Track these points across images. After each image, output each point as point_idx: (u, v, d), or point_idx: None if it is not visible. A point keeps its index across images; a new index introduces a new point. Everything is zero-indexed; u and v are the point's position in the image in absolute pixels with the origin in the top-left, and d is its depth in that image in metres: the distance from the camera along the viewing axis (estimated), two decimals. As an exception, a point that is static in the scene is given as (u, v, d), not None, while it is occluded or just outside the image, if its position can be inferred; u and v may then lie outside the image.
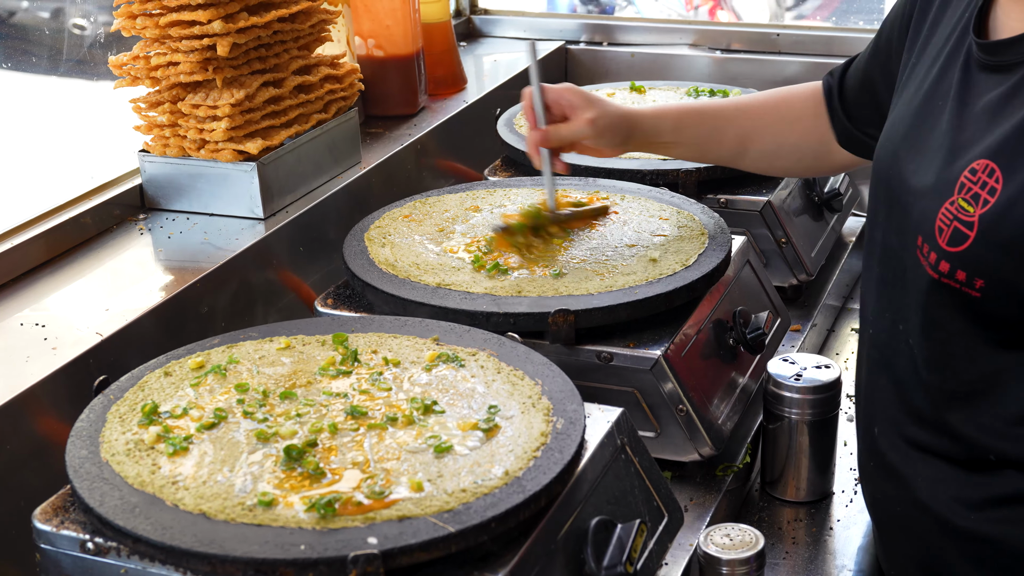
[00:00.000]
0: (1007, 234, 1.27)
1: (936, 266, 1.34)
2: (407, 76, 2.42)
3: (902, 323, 1.43)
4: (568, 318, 1.56)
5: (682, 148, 1.87)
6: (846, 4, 7.34)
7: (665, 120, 1.83)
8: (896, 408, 1.45)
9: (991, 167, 1.30)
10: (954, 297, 1.33)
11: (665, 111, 1.85)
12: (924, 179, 1.39)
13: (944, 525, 1.38)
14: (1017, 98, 1.31)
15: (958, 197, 1.32)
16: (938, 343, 1.38)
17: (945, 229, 1.33)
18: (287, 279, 1.93)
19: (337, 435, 1.29)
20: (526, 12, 3.13)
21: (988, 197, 1.29)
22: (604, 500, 1.31)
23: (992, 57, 1.37)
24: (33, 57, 2.18)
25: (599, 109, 1.76)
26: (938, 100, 1.43)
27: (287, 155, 1.97)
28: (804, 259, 2.12)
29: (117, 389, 1.41)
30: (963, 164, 1.33)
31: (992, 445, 1.34)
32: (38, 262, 1.79)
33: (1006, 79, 1.34)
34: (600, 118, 1.76)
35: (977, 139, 1.34)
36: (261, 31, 1.90)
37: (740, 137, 1.85)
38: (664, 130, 1.83)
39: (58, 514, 1.23)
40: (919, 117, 1.45)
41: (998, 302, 1.30)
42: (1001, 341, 1.32)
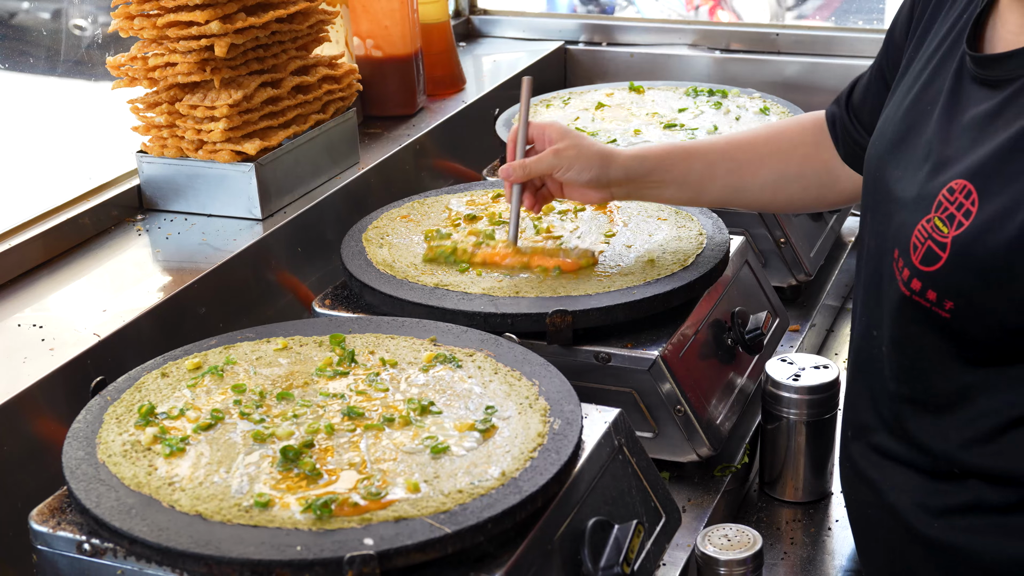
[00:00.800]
0: (979, 259, 1.25)
1: (908, 283, 1.32)
2: (405, 76, 2.42)
3: (876, 330, 1.42)
4: (566, 319, 1.56)
5: (673, 188, 1.73)
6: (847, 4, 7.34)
7: (647, 160, 1.72)
8: (869, 414, 1.45)
9: (968, 188, 1.27)
10: (924, 315, 1.32)
11: (647, 149, 1.75)
12: (905, 190, 1.37)
13: (911, 531, 1.38)
14: (1002, 117, 1.28)
15: (935, 216, 1.30)
16: (907, 356, 1.37)
17: (919, 247, 1.31)
18: (285, 280, 1.93)
19: (334, 436, 1.29)
20: (525, 12, 3.13)
21: (963, 219, 1.26)
22: (601, 501, 1.31)
23: (983, 71, 1.33)
24: (31, 58, 2.18)
25: (570, 141, 1.69)
26: (926, 105, 1.40)
27: (285, 156, 1.97)
28: (803, 259, 2.11)
29: (114, 390, 1.41)
30: (943, 181, 1.31)
31: (957, 457, 1.34)
32: (36, 263, 1.79)
33: (995, 95, 1.31)
34: (566, 149, 1.68)
35: (959, 156, 1.31)
36: (259, 32, 1.90)
37: (735, 171, 1.74)
38: (647, 170, 1.71)
39: (55, 515, 1.23)
40: (906, 121, 1.43)
41: (968, 323, 1.28)
42: (970, 359, 1.31)
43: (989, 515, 1.33)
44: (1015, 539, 1.31)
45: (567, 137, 1.70)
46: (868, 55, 2.74)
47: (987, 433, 1.31)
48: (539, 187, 1.74)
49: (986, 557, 1.32)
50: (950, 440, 1.34)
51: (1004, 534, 1.32)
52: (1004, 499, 1.32)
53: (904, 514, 1.39)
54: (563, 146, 1.69)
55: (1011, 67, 1.30)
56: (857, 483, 1.48)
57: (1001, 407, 1.30)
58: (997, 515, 1.32)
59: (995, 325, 1.26)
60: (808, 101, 2.63)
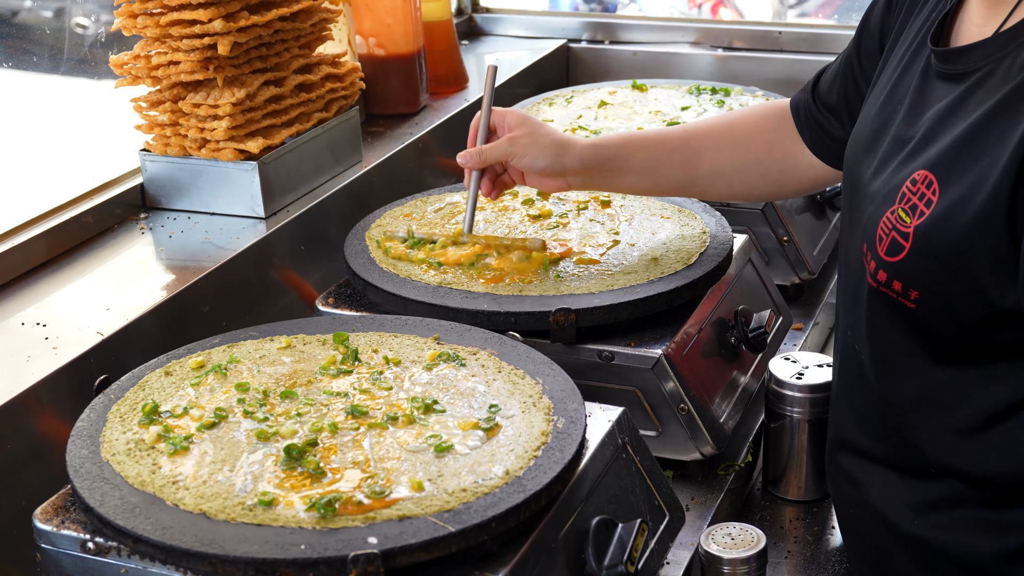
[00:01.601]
0: (939, 247, 1.26)
1: (875, 275, 1.34)
2: (408, 75, 2.42)
3: (852, 329, 1.43)
4: (569, 317, 1.56)
5: (631, 177, 1.73)
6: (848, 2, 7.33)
7: (604, 149, 1.72)
8: (849, 412, 1.47)
9: (930, 178, 1.29)
10: (891, 307, 1.33)
11: (605, 139, 1.75)
12: (874, 185, 1.39)
13: (893, 529, 1.40)
14: (963, 109, 1.30)
15: (898, 207, 1.31)
16: (880, 352, 1.38)
17: (884, 238, 1.32)
18: (288, 278, 1.93)
19: (337, 434, 1.29)
20: (528, 10, 3.13)
21: (924, 209, 1.28)
22: (605, 499, 1.31)
23: (945, 65, 1.35)
24: (34, 56, 2.18)
25: (527, 128, 1.70)
26: (896, 104, 1.42)
27: (288, 154, 1.97)
28: (806, 257, 2.11)
29: (118, 388, 1.41)
30: (906, 174, 1.32)
31: (931, 457, 1.35)
32: (39, 261, 1.79)
33: (956, 88, 1.32)
34: (522, 136, 1.69)
35: (921, 148, 1.33)
36: (262, 30, 1.89)
37: (692, 160, 1.74)
38: (604, 159, 1.71)
39: (59, 514, 1.23)
40: (878, 120, 1.45)
41: (932, 314, 1.30)
42: (937, 355, 1.32)
43: (966, 511, 1.34)
44: (992, 535, 1.32)
45: (524, 125, 1.71)
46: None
47: (959, 433, 1.32)
48: (499, 174, 1.75)
49: (965, 553, 1.34)
50: (923, 440, 1.35)
51: (981, 530, 1.33)
52: (980, 496, 1.33)
53: (885, 512, 1.40)
54: (519, 134, 1.70)
55: (973, 59, 1.32)
56: (842, 483, 1.50)
57: (972, 408, 1.31)
58: (973, 511, 1.33)
59: (958, 315, 1.28)
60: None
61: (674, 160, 1.74)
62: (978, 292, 1.25)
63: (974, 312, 1.26)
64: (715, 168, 1.74)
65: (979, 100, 1.28)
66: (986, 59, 1.30)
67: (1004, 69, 1.27)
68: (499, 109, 1.76)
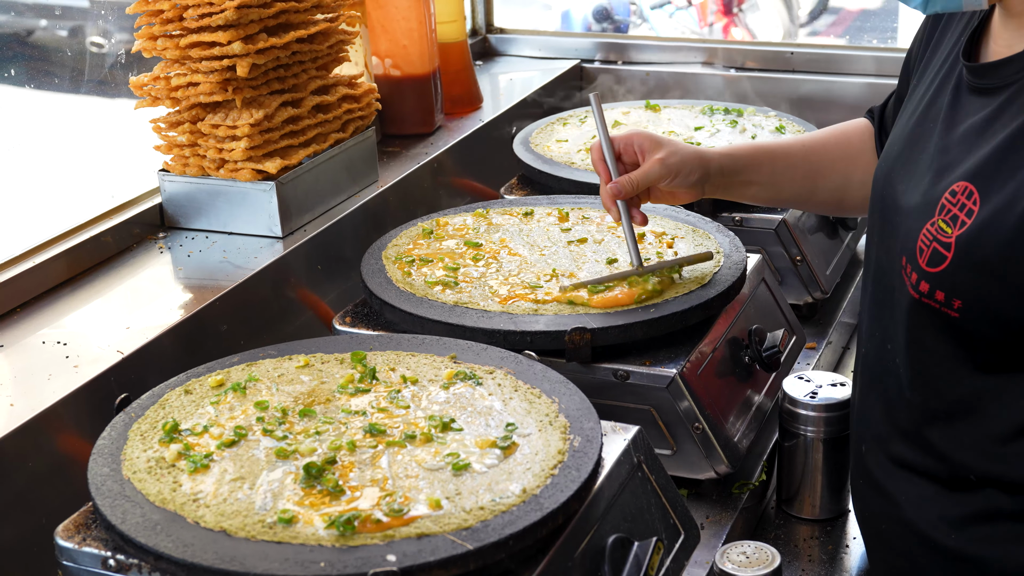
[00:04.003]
0: (982, 255, 1.28)
1: (917, 286, 1.36)
2: (423, 95, 2.44)
3: (890, 342, 1.44)
4: (585, 336, 1.57)
5: (757, 188, 1.80)
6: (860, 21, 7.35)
7: (738, 159, 1.77)
8: (884, 426, 1.47)
9: (970, 189, 1.31)
10: (935, 317, 1.35)
11: (735, 149, 1.80)
12: (910, 199, 1.41)
13: (928, 543, 1.40)
14: (999, 121, 1.33)
15: (938, 218, 1.34)
16: (921, 363, 1.39)
17: (925, 250, 1.35)
18: (305, 297, 1.95)
19: (356, 452, 1.30)
20: (541, 31, 3.15)
21: (965, 219, 1.30)
22: (621, 518, 1.32)
23: (979, 80, 1.38)
24: (56, 77, 2.21)
25: (669, 148, 1.71)
26: (929, 122, 1.45)
27: (305, 174, 1.99)
28: (819, 277, 2.12)
29: (138, 407, 1.42)
30: (945, 186, 1.35)
31: (972, 465, 1.36)
32: (59, 280, 1.81)
33: (991, 102, 1.35)
34: (670, 156, 1.70)
35: (959, 161, 1.35)
36: (280, 52, 1.92)
37: (811, 174, 1.79)
38: (739, 168, 1.77)
39: (80, 531, 1.24)
40: (911, 138, 1.47)
41: (976, 322, 1.31)
42: (981, 363, 1.34)
43: (1005, 524, 1.34)
44: None
45: (663, 145, 1.71)
46: (882, 73, 2.75)
47: (1001, 440, 1.33)
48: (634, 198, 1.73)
49: (1004, 567, 1.33)
50: (965, 447, 1.36)
51: (1019, 542, 1.33)
52: (1019, 507, 1.33)
53: (921, 526, 1.40)
54: (665, 154, 1.70)
55: (1004, 74, 1.35)
56: (872, 497, 1.49)
57: (1014, 414, 1.32)
58: (1013, 523, 1.33)
59: (1003, 322, 1.29)
60: (823, 119, 2.64)
61: (796, 174, 1.79)
62: (1021, 298, 1.27)
63: (1018, 318, 1.28)
64: (829, 185, 1.80)
65: (1014, 112, 1.31)
66: (1018, 73, 1.33)
67: None
68: (618, 135, 1.73)
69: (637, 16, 7.06)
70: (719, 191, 1.79)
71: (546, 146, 2.33)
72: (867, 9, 7.39)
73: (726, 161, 1.76)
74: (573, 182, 2.15)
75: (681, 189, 1.74)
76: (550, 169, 2.20)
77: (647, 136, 1.72)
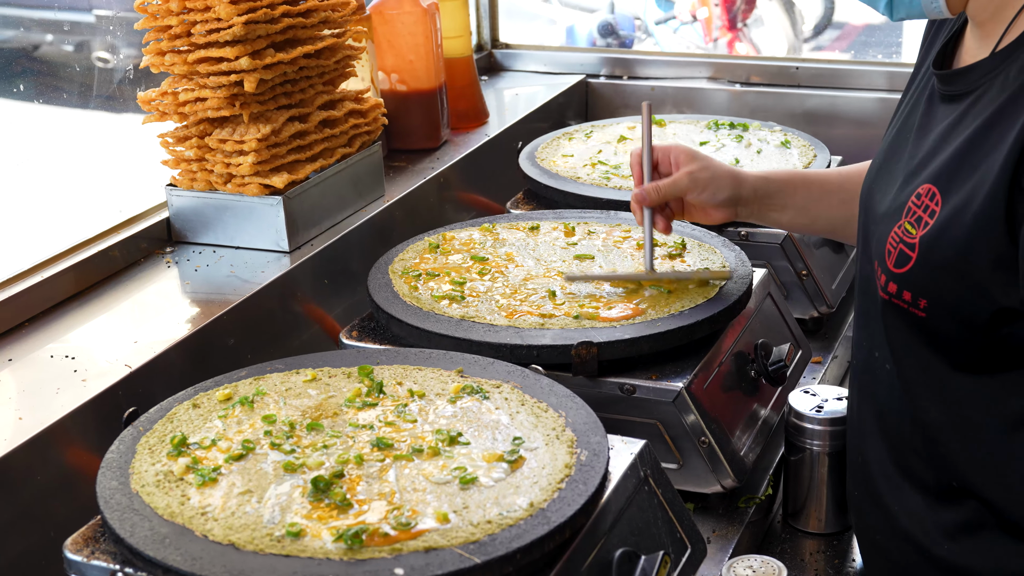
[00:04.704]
0: (943, 255, 1.31)
1: (886, 287, 1.39)
2: (430, 110, 2.45)
3: (877, 350, 1.47)
4: (591, 350, 1.58)
5: (791, 213, 1.82)
6: (864, 36, 7.37)
7: (772, 182, 1.79)
8: (878, 436, 1.49)
9: (932, 191, 1.34)
10: (904, 318, 1.38)
11: (770, 173, 1.82)
12: (882, 206, 1.45)
13: (922, 553, 1.41)
14: (962, 124, 1.36)
15: (904, 220, 1.37)
16: (904, 366, 1.42)
17: (893, 251, 1.38)
18: (312, 311, 1.95)
19: (363, 466, 1.30)
20: (546, 46, 3.16)
21: (928, 220, 1.34)
22: (628, 531, 1.32)
23: (947, 87, 1.42)
24: (63, 92, 2.22)
25: (702, 163, 1.75)
26: (906, 133, 1.48)
27: (312, 189, 2.00)
28: (824, 291, 2.13)
29: (146, 421, 1.43)
30: (911, 189, 1.38)
31: (954, 470, 1.38)
32: (67, 295, 1.82)
33: (957, 108, 1.39)
34: (700, 171, 1.74)
35: (925, 165, 1.39)
36: (287, 67, 1.93)
37: (847, 202, 1.80)
38: (772, 192, 1.79)
39: (89, 544, 1.25)
40: (890, 150, 1.51)
41: (941, 321, 1.34)
42: (952, 363, 1.36)
43: (993, 534, 1.35)
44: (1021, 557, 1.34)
45: (697, 160, 1.75)
46: (887, 88, 2.76)
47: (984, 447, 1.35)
48: (663, 208, 1.77)
49: None
50: (952, 456, 1.38)
51: (1011, 553, 1.34)
52: (1004, 518, 1.34)
53: (916, 536, 1.41)
54: (696, 168, 1.74)
55: (969, 80, 1.38)
56: (868, 510, 1.51)
57: (994, 420, 1.34)
58: (1000, 535, 1.35)
59: (965, 320, 1.32)
60: (828, 134, 2.66)
61: (832, 201, 1.80)
62: (982, 294, 1.29)
63: (980, 313, 1.30)
64: None
65: (976, 114, 1.34)
66: (983, 78, 1.36)
67: (999, 84, 1.33)
68: (660, 145, 1.78)
69: (642, 31, 7.08)
70: (753, 214, 1.81)
71: (552, 161, 2.34)
72: (871, 24, 7.41)
73: (760, 184, 1.78)
74: (579, 197, 2.15)
75: (711, 206, 1.77)
76: (556, 184, 2.21)
77: (685, 150, 1.77)
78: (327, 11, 2.01)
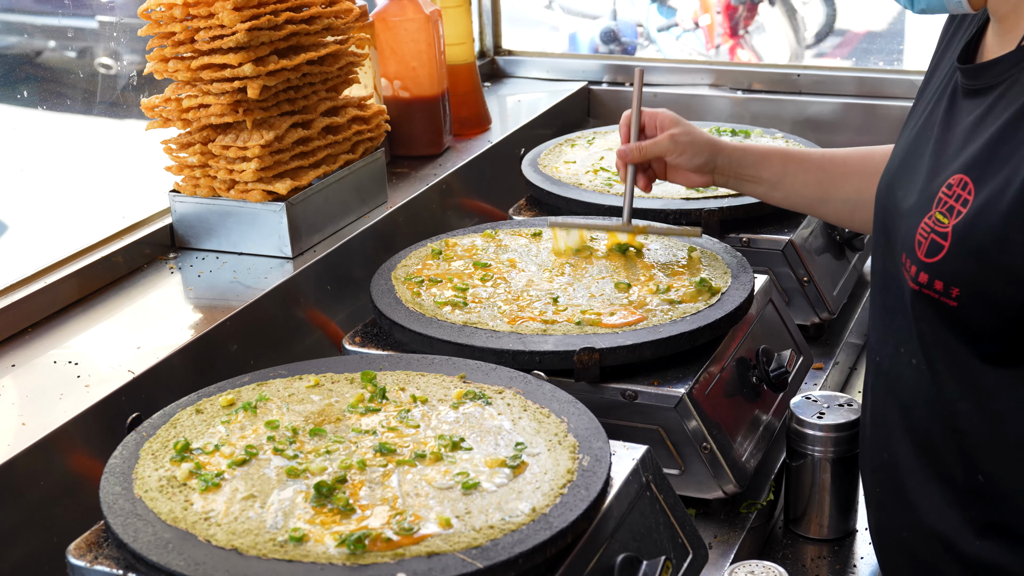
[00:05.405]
0: (977, 242, 1.32)
1: (916, 278, 1.39)
2: (432, 117, 2.45)
3: (903, 345, 1.47)
4: (593, 356, 1.58)
5: (765, 187, 1.90)
6: (866, 43, 7.37)
7: (750, 154, 1.89)
8: (903, 433, 1.48)
9: (964, 180, 1.35)
10: (935, 308, 1.38)
11: (750, 145, 1.92)
12: (908, 201, 1.45)
13: (951, 551, 1.41)
14: (990, 116, 1.37)
15: (935, 211, 1.37)
16: (931, 358, 1.41)
17: (923, 242, 1.38)
18: (315, 317, 1.96)
19: (366, 471, 1.31)
20: (549, 53, 3.17)
21: (961, 208, 1.34)
22: (630, 537, 1.33)
23: (972, 81, 1.43)
24: (67, 99, 2.22)
25: (684, 128, 1.87)
26: (928, 130, 1.49)
27: (315, 195, 2.00)
28: (826, 298, 2.13)
29: (149, 426, 1.43)
30: (941, 180, 1.39)
31: (982, 464, 1.37)
32: (70, 300, 1.82)
33: (983, 101, 1.39)
34: (682, 135, 1.86)
35: (955, 157, 1.40)
36: (290, 74, 1.93)
37: (822, 182, 1.87)
38: (748, 163, 1.88)
39: (92, 549, 1.25)
40: (911, 147, 1.51)
41: (974, 310, 1.34)
42: (982, 355, 1.36)
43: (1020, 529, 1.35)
44: None
45: (680, 124, 1.88)
46: (889, 95, 2.77)
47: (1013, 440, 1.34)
48: (646, 169, 1.90)
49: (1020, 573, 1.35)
50: (973, 445, 1.37)
51: None
52: None
53: (944, 534, 1.41)
54: (678, 131, 1.87)
55: (994, 73, 1.39)
56: (892, 508, 1.50)
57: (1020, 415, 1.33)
58: None
59: (999, 309, 1.31)
60: (830, 141, 2.66)
61: (809, 179, 1.88)
62: (1014, 282, 1.29)
63: (1012, 303, 1.30)
64: (841, 196, 1.87)
65: (1005, 106, 1.35)
66: (1008, 71, 1.37)
67: None
68: (648, 109, 1.90)
69: (644, 38, 7.10)
70: (729, 182, 1.91)
71: (554, 167, 2.35)
72: (873, 31, 7.42)
73: (736, 153, 1.89)
74: (581, 203, 2.16)
75: (689, 169, 1.88)
76: (558, 190, 2.22)
77: (670, 115, 1.90)
78: (330, 18, 2.01)
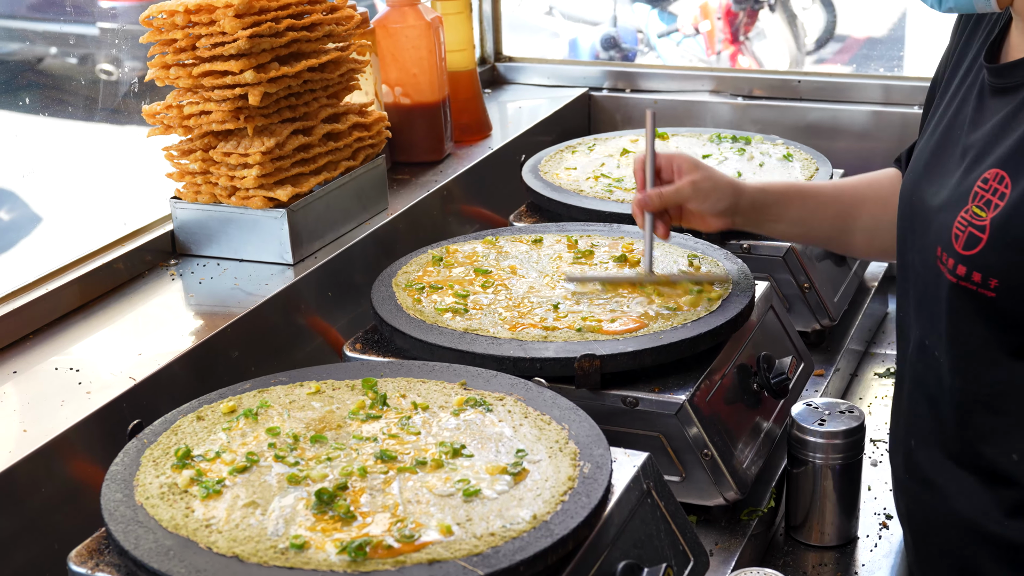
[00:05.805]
0: (1016, 234, 1.34)
1: (954, 270, 1.40)
2: (433, 123, 2.45)
3: (928, 337, 1.49)
4: (594, 363, 1.58)
5: (785, 225, 1.85)
6: (867, 49, 7.38)
7: (769, 195, 1.82)
8: (931, 422, 1.51)
9: (1001, 175, 1.37)
10: (973, 300, 1.39)
11: (768, 184, 1.85)
12: (940, 198, 1.46)
13: (978, 532, 1.43)
14: (1022, 112, 1.39)
15: (972, 205, 1.39)
16: (959, 350, 1.43)
17: (961, 235, 1.40)
18: (315, 324, 1.96)
19: (367, 479, 1.31)
20: (549, 59, 3.17)
21: (999, 202, 1.36)
22: (631, 544, 1.33)
23: (1000, 80, 1.44)
24: (69, 105, 2.22)
25: (704, 172, 1.78)
26: (955, 130, 1.50)
27: (316, 202, 2.00)
28: (827, 304, 2.13)
29: (151, 433, 1.43)
30: (976, 175, 1.41)
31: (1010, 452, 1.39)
32: (72, 307, 1.82)
33: (1012, 99, 1.41)
34: (702, 181, 1.77)
35: (988, 153, 1.41)
36: (292, 80, 1.93)
37: (841, 214, 1.83)
38: (769, 204, 1.81)
39: (93, 557, 1.25)
40: (938, 147, 1.53)
41: (1012, 301, 1.36)
42: (1016, 350, 1.38)
43: None
44: None
45: (699, 169, 1.79)
46: (889, 101, 2.77)
47: None
48: (662, 214, 1.81)
49: None
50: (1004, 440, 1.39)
51: None
52: None
53: (970, 516, 1.43)
54: (699, 177, 1.78)
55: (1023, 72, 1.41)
56: (918, 492, 1.53)
57: None
58: None
59: None
60: (830, 147, 2.66)
61: (827, 213, 1.84)
62: None
63: None
64: (858, 225, 1.83)
65: None
66: None
67: None
68: (663, 152, 1.81)
69: (644, 44, 7.11)
70: (749, 224, 1.84)
71: (555, 174, 2.35)
72: (873, 37, 7.43)
73: (758, 195, 1.81)
74: (582, 209, 2.16)
75: (710, 215, 1.79)
76: (559, 197, 2.22)
77: (688, 158, 1.80)
78: (331, 25, 2.01)
